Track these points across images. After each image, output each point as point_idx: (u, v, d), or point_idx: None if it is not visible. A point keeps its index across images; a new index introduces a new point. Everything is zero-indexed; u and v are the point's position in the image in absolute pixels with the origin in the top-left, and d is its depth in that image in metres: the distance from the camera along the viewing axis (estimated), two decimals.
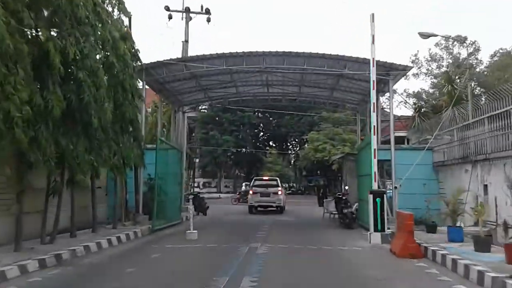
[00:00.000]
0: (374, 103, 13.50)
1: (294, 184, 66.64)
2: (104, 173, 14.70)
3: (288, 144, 64.56)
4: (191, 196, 24.03)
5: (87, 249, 10.48)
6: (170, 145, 18.41)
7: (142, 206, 16.73)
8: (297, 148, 57.40)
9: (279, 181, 28.97)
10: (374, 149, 13.18)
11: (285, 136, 58.97)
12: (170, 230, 15.83)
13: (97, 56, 11.78)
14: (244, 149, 55.55)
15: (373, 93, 13.45)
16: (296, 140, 56.68)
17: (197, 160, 51.41)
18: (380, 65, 15.40)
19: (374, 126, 13.33)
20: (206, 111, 56.06)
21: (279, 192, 27.07)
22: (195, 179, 54.31)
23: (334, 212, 20.33)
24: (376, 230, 12.61)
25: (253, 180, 28.81)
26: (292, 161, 71.89)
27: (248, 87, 21.74)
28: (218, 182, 54.38)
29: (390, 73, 16.36)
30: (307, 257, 10.46)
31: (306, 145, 53.53)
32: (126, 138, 14.14)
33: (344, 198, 17.82)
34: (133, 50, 14.68)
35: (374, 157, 13.17)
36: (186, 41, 25.77)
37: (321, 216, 21.66)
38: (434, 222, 13.56)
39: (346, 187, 18.78)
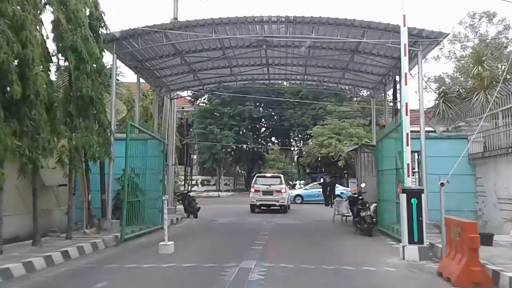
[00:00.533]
0: (406, 73, 10.27)
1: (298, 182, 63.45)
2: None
3: (291, 140, 61.31)
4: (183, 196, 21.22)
5: (3, 275, 7.30)
6: (149, 134, 15.22)
7: (113, 208, 13.60)
8: (301, 144, 54.16)
9: (283, 178, 26.00)
10: (407, 134, 9.97)
11: (287, 131, 55.64)
12: (146, 239, 12.64)
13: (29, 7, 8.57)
14: (244, 145, 52.32)
15: (404, 60, 10.20)
16: (300, 135, 53.37)
17: (195, 157, 48.24)
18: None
19: (407, 103, 10.12)
20: (204, 104, 52.94)
21: (283, 190, 24.36)
22: (193, 177, 51.16)
23: (347, 214, 17.19)
24: (411, 241, 9.40)
25: (255, 177, 26.30)
26: (295, 158, 68.67)
27: (244, 67, 18.48)
28: (217, 180, 51.22)
29: (419, 42, 13.08)
30: (322, 286, 7.29)
31: (310, 141, 50.29)
32: (86, 123, 11.01)
33: (360, 198, 14.61)
34: (96, 12, 11.52)
35: (407, 144, 9.95)
36: (175, 18, 22.55)
37: (330, 218, 18.50)
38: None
39: (363, 185, 15.57)
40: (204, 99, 54.25)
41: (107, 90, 13.66)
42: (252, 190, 24.54)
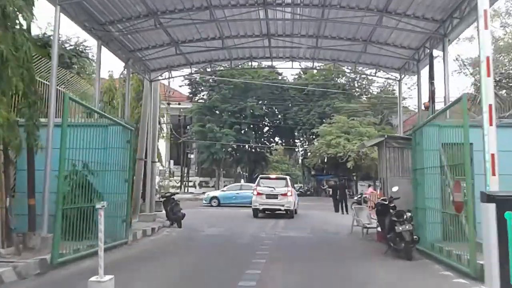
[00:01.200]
0: (486, 10, 6.47)
1: (302, 185, 59.55)
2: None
3: (296, 140, 57.44)
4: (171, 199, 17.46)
5: None
6: (111, 118, 11.49)
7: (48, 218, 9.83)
8: (306, 144, 50.30)
9: (289, 180, 22.86)
10: (490, 107, 6.16)
11: (292, 130, 51.82)
12: (94, 262, 8.87)
13: None
14: (246, 145, 48.55)
15: None
16: (305, 135, 49.47)
17: (192, 156, 44.57)
18: None
19: (488, 58, 6.32)
20: (203, 100, 49.25)
21: (289, 193, 21.65)
22: (190, 178, 47.42)
23: (369, 226, 13.44)
24: (505, 280, 5.60)
25: (258, 178, 23.62)
26: (300, 159, 64.81)
27: (239, 38, 14.61)
28: (216, 182, 47.49)
29: None
30: None
31: (316, 141, 46.49)
32: None
33: (392, 205, 10.82)
34: None
35: (490, 122, 6.15)
36: None
37: (345, 228, 14.74)
38: None
39: (394, 188, 11.83)
40: (203, 95, 50.62)
41: (46, 53, 9.91)
42: (255, 192, 21.95)
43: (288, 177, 23.47)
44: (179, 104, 42.75)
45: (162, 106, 43.04)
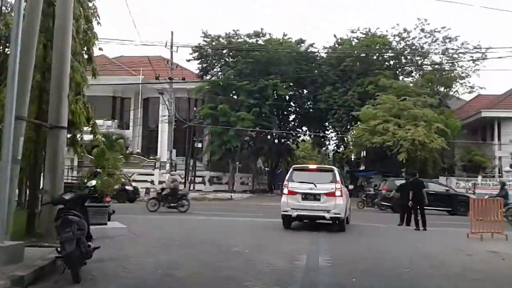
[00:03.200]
0: None
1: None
2: None
3: (327, 129, 47.80)
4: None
5: None
6: None
7: None
8: (341, 133, 40.78)
9: (337, 173, 14.15)
10: None
11: (323, 117, 42.41)
12: None
13: None
14: (267, 132, 39.37)
15: None
16: (340, 121, 39.73)
17: (200, 145, 35.79)
18: None
19: None
20: (216, 77, 40.29)
21: (338, 193, 13.46)
22: (199, 172, 38.65)
23: None
24: None
25: (290, 171, 14.86)
26: (331, 154, 55.28)
27: None
28: (230, 178, 38.65)
29: None
30: None
31: (354, 128, 37.04)
32: None
33: None
34: None
35: None
36: None
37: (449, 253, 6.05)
38: None
39: None
40: (216, 72, 41.72)
41: None
42: (285, 191, 14.00)
43: (336, 169, 14.52)
44: (183, 79, 33.99)
45: (162, 84, 34.78)
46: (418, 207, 15.26)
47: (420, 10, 76.37)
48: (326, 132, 48.08)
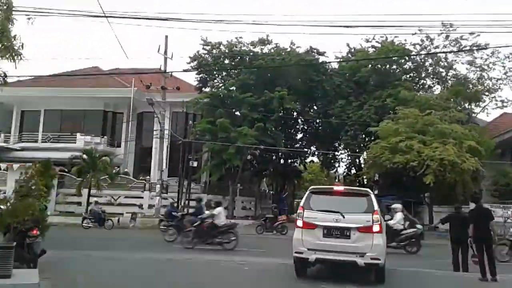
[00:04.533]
0: None
1: None
2: None
3: (338, 149, 43.33)
4: None
5: None
6: None
7: None
8: (356, 151, 36.32)
9: (374, 199, 9.48)
10: None
11: (335, 133, 38.13)
12: None
13: None
14: (271, 149, 34.92)
15: None
16: (354, 139, 35.25)
17: (195, 164, 31.42)
18: None
19: None
20: (216, 89, 36.14)
21: (376, 228, 9.10)
22: (193, 196, 34.04)
23: None
24: None
25: (307, 194, 10.05)
26: (342, 176, 50.56)
27: None
28: (230, 201, 34.14)
29: None
30: None
31: (370, 146, 32.52)
32: None
33: None
34: None
35: None
36: None
37: None
38: None
39: None
40: (216, 83, 37.64)
41: None
42: (299, 223, 9.61)
43: (371, 193, 9.99)
44: (177, 89, 29.86)
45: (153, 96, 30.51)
46: (484, 247, 10.84)
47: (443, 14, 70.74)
48: (337, 152, 43.80)
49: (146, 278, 9.28)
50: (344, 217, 9.03)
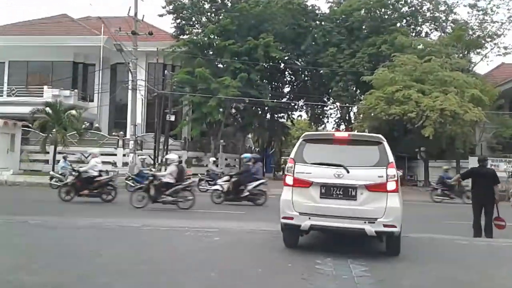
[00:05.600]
0: None
1: None
2: None
3: (327, 104, 40.67)
4: None
5: None
6: None
7: None
8: (348, 101, 33.63)
9: (388, 148, 7.00)
10: None
11: (325, 85, 35.52)
12: None
13: None
14: (256, 100, 32.11)
15: None
16: (346, 89, 32.48)
17: (172, 119, 28.61)
18: None
19: None
20: (195, 36, 32.81)
21: (392, 185, 6.53)
22: (175, 152, 31.39)
23: None
24: None
25: (300, 142, 7.41)
26: (333, 130, 48.08)
27: None
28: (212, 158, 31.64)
29: None
30: None
31: (363, 98, 29.86)
32: None
33: None
34: None
35: None
36: None
37: None
38: None
39: None
40: (196, 29, 34.32)
41: None
42: (289, 180, 7.01)
43: (384, 140, 7.28)
44: (150, 34, 26.58)
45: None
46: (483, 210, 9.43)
47: None
48: (326, 107, 41.24)
49: (82, 252, 6.80)
50: (348, 172, 6.60)
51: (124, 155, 29.45)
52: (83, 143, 29.04)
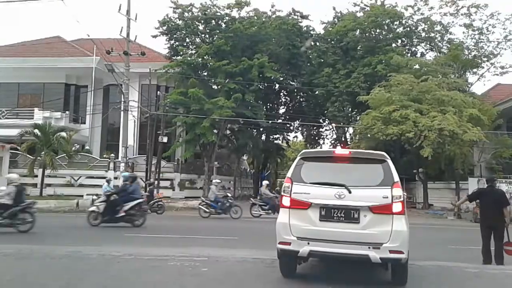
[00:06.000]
0: None
1: None
2: None
3: (323, 125, 40.25)
4: None
5: None
6: None
7: None
8: (344, 122, 33.12)
9: (392, 167, 6.02)
10: None
11: (321, 105, 35.09)
12: None
13: None
14: (251, 121, 31.52)
15: None
16: (342, 110, 32.09)
17: (165, 140, 27.93)
18: None
19: None
20: (188, 57, 32.39)
21: (397, 207, 5.83)
22: (167, 174, 30.61)
23: None
24: None
25: (297, 160, 6.66)
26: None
27: None
28: (206, 181, 30.93)
29: None
30: None
31: (361, 117, 29.37)
32: None
33: None
34: None
35: None
36: None
37: None
38: None
39: None
40: (189, 51, 33.95)
41: None
42: (286, 201, 6.27)
43: (388, 158, 6.51)
44: (142, 54, 26.11)
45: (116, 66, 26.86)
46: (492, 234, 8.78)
47: None
48: (322, 128, 40.78)
49: None
50: (350, 192, 5.92)
51: (115, 177, 28.59)
52: (72, 166, 28.27)
